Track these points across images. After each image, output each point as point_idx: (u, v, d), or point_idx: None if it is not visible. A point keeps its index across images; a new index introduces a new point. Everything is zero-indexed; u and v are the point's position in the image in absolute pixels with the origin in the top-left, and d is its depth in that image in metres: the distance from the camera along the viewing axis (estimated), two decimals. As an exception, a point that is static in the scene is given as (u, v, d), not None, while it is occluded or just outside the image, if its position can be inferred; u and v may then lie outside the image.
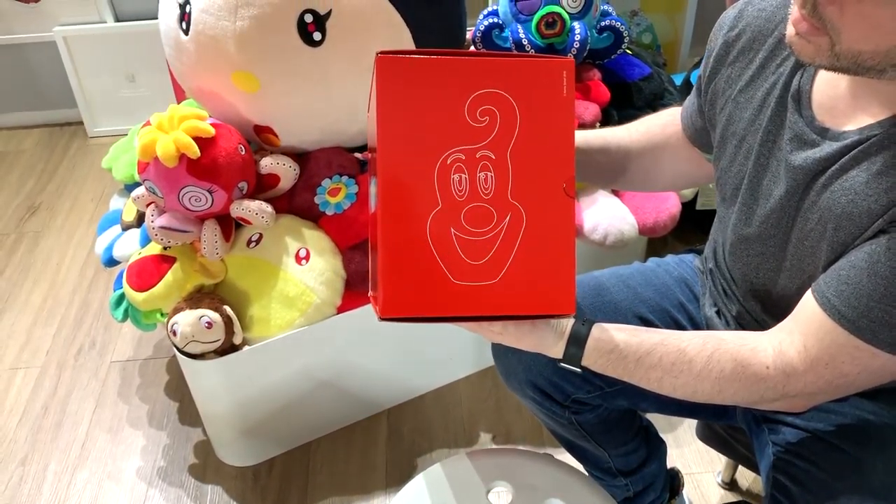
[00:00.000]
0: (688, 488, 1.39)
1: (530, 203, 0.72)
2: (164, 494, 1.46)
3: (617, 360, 0.79)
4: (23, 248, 2.13)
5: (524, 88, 0.71)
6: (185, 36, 1.34)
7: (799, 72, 0.77)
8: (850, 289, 0.69)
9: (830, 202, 0.72)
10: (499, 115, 0.71)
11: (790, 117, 0.77)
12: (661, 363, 0.78)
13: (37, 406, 1.65)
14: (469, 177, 0.72)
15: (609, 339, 0.79)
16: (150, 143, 1.24)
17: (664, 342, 0.79)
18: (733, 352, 0.76)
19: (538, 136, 0.72)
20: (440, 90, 0.71)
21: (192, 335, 1.27)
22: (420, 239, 0.71)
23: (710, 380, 0.77)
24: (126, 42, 2.47)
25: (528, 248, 0.73)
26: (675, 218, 1.50)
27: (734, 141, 0.85)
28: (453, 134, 0.71)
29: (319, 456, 1.51)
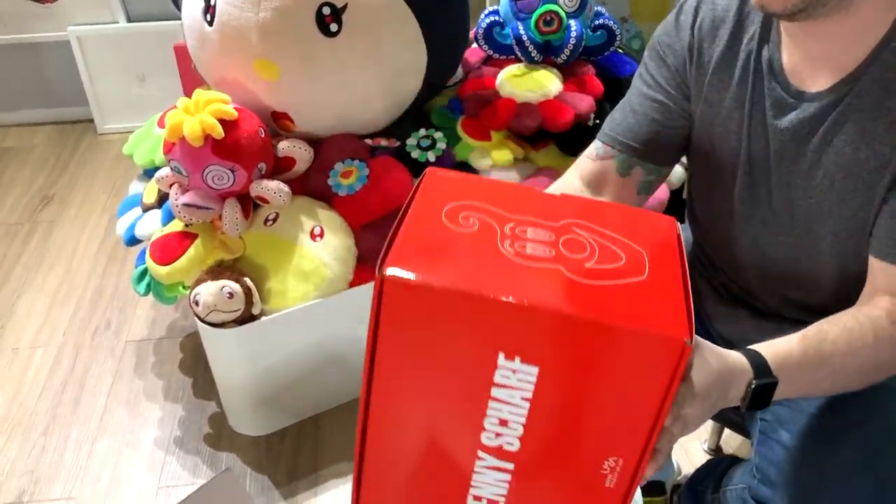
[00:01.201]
0: (675, 453, 1.48)
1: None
2: (181, 461, 1.54)
3: (798, 367, 0.74)
4: (37, 236, 2.21)
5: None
6: (209, 27, 1.44)
7: (765, 45, 0.86)
8: None
9: (836, 156, 0.81)
10: None
11: (767, 85, 0.86)
12: (838, 348, 0.75)
13: (56, 381, 1.73)
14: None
15: (779, 349, 0.74)
16: (177, 125, 1.33)
17: (819, 330, 0.77)
18: (880, 315, 0.77)
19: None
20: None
21: (214, 305, 1.35)
22: None
23: (884, 345, 0.75)
24: (137, 42, 2.56)
25: None
26: (663, 203, 1.60)
27: (718, 120, 0.92)
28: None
29: (330, 426, 1.60)
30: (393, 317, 0.62)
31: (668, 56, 0.96)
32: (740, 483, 0.93)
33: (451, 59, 1.62)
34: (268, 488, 1.47)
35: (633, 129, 0.97)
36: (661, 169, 1.00)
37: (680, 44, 0.95)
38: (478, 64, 1.74)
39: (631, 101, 0.99)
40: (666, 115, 0.96)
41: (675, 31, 0.95)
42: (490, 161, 1.57)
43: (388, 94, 1.50)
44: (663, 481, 1.39)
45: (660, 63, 0.97)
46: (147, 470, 1.52)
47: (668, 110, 0.96)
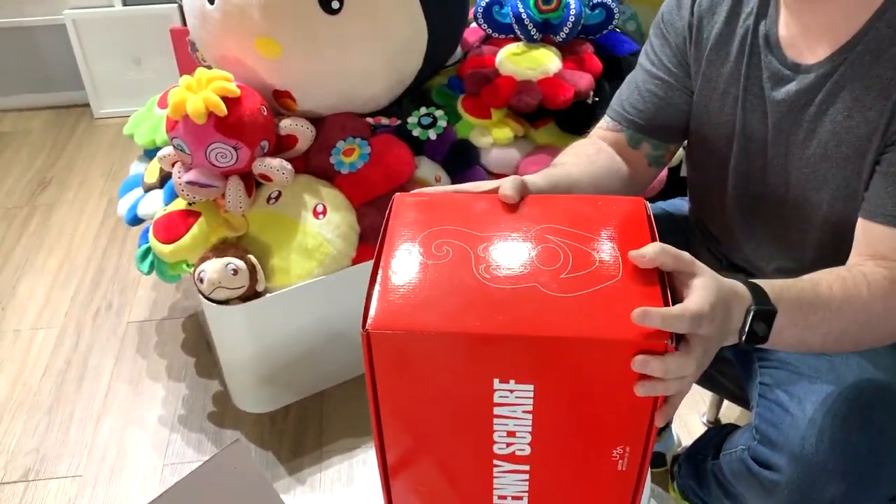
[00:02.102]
0: (675, 426, 1.50)
1: None
2: (185, 439, 1.55)
3: (802, 304, 0.73)
4: (36, 219, 2.21)
5: None
6: (210, 6, 1.44)
7: (762, 20, 0.88)
8: None
9: (831, 125, 0.83)
10: None
11: (764, 59, 0.88)
12: (834, 292, 0.74)
13: (59, 361, 1.74)
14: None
15: (783, 285, 0.73)
16: (180, 102, 1.34)
17: (818, 277, 0.76)
18: (877, 273, 0.77)
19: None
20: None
21: (219, 281, 1.36)
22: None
23: (881, 300, 0.75)
24: (133, 26, 2.56)
25: None
26: (661, 181, 1.62)
27: (717, 94, 0.94)
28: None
29: (332, 402, 1.61)
30: (385, 366, 0.66)
31: (670, 34, 0.99)
32: (740, 445, 0.95)
33: (451, 37, 1.62)
34: (272, 464, 1.49)
35: (637, 105, 1.00)
36: (668, 144, 1.02)
37: (681, 21, 0.97)
38: (477, 43, 1.75)
39: (636, 78, 1.02)
40: (668, 93, 0.99)
41: (677, 9, 0.98)
42: (490, 139, 1.58)
43: (390, 72, 1.51)
44: (664, 453, 1.41)
45: (663, 41, 1.00)
46: (152, 447, 1.53)
47: (670, 87, 0.99)
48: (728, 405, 1.53)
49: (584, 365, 0.63)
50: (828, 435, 0.81)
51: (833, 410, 0.83)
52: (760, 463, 0.89)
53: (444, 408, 0.69)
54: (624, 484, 0.72)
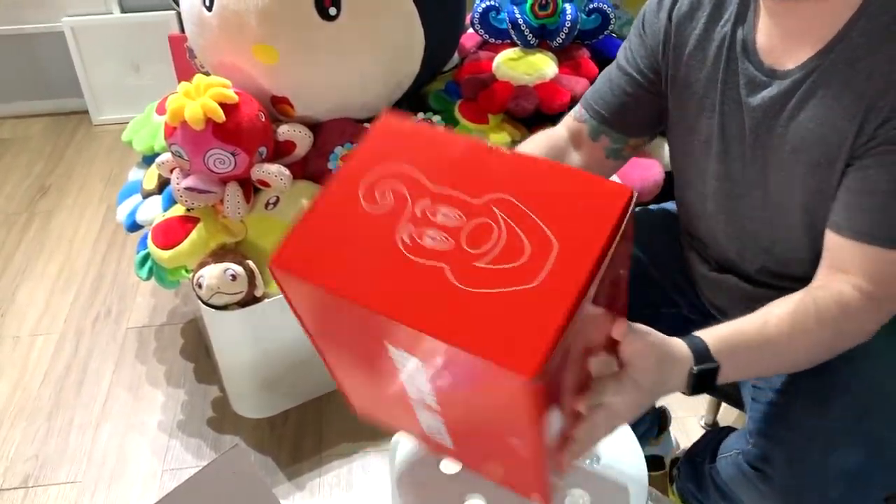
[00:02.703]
0: (673, 430, 1.50)
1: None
2: (184, 444, 1.55)
3: (746, 351, 0.76)
4: (35, 225, 2.22)
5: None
6: (208, 12, 1.45)
7: (739, 25, 0.88)
8: (874, 214, 0.78)
9: (802, 130, 0.83)
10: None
11: (741, 65, 0.88)
12: (781, 330, 0.77)
13: (58, 367, 1.74)
14: None
15: (723, 335, 0.76)
16: (178, 108, 1.34)
17: (764, 315, 0.79)
18: (827, 298, 0.79)
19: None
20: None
21: (218, 287, 1.37)
22: None
23: (827, 328, 0.78)
24: (131, 33, 2.57)
25: None
26: (658, 184, 1.62)
27: (694, 99, 0.94)
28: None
29: (331, 408, 1.62)
30: (291, 296, 0.69)
31: (647, 35, 1.00)
32: (734, 449, 0.95)
33: (448, 42, 1.63)
34: (271, 470, 1.49)
35: (605, 98, 1.03)
36: (628, 139, 1.05)
37: (658, 24, 0.98)
38: (473, 48, 1.76)
39: (611, 72, 1.04)
40: (636, 91, 1.01)
41: (657, 11, 0.98)
42: (488, 144, 1.59)
43: (387, 78, 1.51)
44: (662, 456, 1.42)
45: (640, 41, 1.01)
46: (151, 453, 1.54)
47: (639, 86, 1.01)
48: (726, 408, 1.54)
49: (454, 362, 0.61)
50: (820, 437, 0.82)
51: (824, 413, 0.83)
52: (755, 466, 0.89)
53: (353, 347, 0.70)
54: (530, 465, 0.69)
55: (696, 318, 1.12)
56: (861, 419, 0.82)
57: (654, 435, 1.37)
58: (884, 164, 0.77)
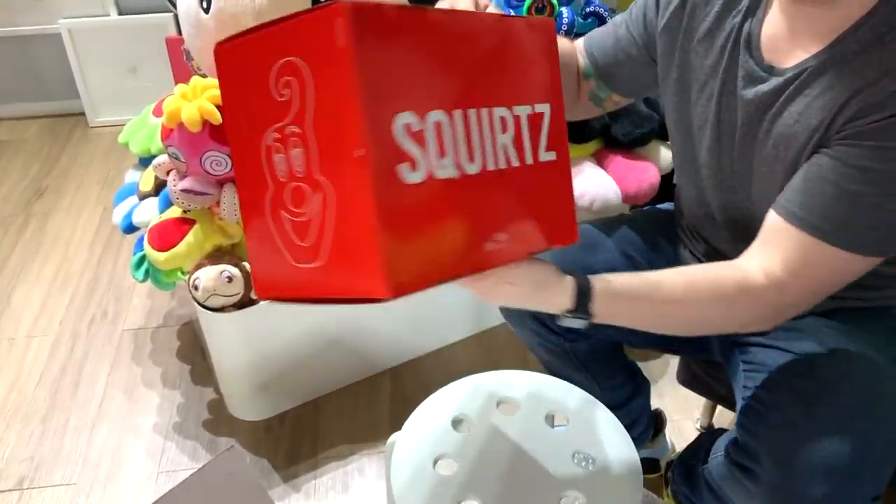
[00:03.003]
0: (669, 432, 1.50)
1: (335, 177, 0.64)
2: (180, 447, 1.55)
3: (629, 300, 0.83)
4: (32, 227, 2.21)
5: (310, 49, 0.62)
6: (205, 14, 1.45)
7: (749, 18, 0.89)
8: (809, 198, 0.80)
9: (782, 127, 0.85)
10: (295, 84, 0.64)
11: (742, 58, 0.89)
12: (672, 295, 0.83)
13: (54, 369, 1.74)
14: (286, 156, 0.67)
15: (615, 281, 0.83)
16: (175, 110, 1.34)
17: (666, 277, 0.84)
18: (731, 276, 0.84)
19: (330, 101, 0.63)
20: (252, 69, 0.67)
21: (214, 289, 1.37)
22: (264, 224, 0.70)
23: (719, 305, 0.83)
24: (129, 34, 2.57)
25: (339, 228, 0.65)
26: (654, 187, 1.63)
27: (696, 85, 0.96)
28: (267, 113, 0.67)
29: (328, 410, 1.62)
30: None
31: (650, 17, 1.01)
32: (724, 449, 0.96)
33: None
34: (267, 472, 1.49)
35: (605, 49, 1.06)
36: (612, 92, 1.08)
37: (672, 5, 0.97)
38: (471, 52, 1.76)
39: (618, 27, 1.06)
40: (638, 54, 1.04)
41: None
42: (484, 146, 1.59)
43: (384, 80, 1.51)
44: (657, 458, 1.42)
45: (654, 13, 1.01)
46: (146, 455, 1.53)
47: (640, 52, 1.04)
48: (722, 410, 1.54)
49: None
50: (807, 437, 0.82)
51: (813, 412, 0.83)
52: (743, 465, 0.90)
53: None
54: None
55: None
56: (850, 419, 0.82)
57: (650, 437, 1.38)
58: (837, 156, 0.78)
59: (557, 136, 0.79)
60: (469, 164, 0.70)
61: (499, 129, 0.73)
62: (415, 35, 0.66)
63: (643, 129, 1.66)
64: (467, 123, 0.70)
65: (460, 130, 0.69)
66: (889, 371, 0.87)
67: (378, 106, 0.62)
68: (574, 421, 1.02)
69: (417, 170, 0.65)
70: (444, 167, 0.68)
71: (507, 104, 0.74)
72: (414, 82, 0.66)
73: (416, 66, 0.66)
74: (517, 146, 0.75)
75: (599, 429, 1.01)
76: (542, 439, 0.99)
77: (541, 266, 0.80)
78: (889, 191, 0.76)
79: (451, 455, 0.98)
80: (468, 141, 0.70)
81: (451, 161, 0.68)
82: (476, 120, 0.71)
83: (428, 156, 0.66)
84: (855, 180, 0.77)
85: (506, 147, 0.74)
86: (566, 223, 0.81)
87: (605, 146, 1.71)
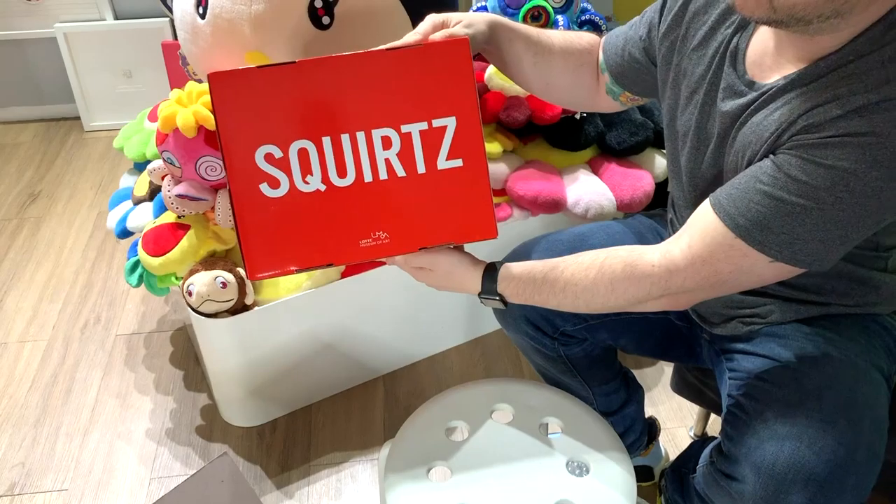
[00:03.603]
0: (663, 441, 1.51)
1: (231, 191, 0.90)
2: (173, 452, 1.55)
3: (528, 282, 0.95)
4: (25, 232, 2.21)
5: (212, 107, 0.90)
6: (201, 20, 1.45)
7: (739, 32, 0.90)
8: (737, 192, 0.82)
9: (743, 137, 0.86)
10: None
11: (726, 71, 0.90)
12: (563, 275, 0.93)
13: (46, 374, 1.73)
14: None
15: (517, 265, 0.95)
16: (170, 116, 1.34)
17: (565, 260, 0.94)
18: (623, 256, 0.90)
19: (218, 138, 0.90)
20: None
21: (208, 294, 1.37)
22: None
23: (604, 282, 0.90)
24: (124, 39, 2.56)
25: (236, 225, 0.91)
26: (649, 195, 1.63)
27: (686, 93, 0.97)
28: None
29: (321, 416, 1.61)
30: None
31: (654, 20, 1.02)
32: (710, 457, 0.96)
33: (440, 53, 1.64)
34: (260, 478, 1.49)
35: (616, 51, 1.08)
36: (624, 90, 1.10)
37: (673, 10, 0.99)
38: (466, 59, 1.76)
39: (628, 31, 1.07)
40: (644, 59, 1.05)
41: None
42: (479, 154, 1.59)
43: (379, 87, 1.52)
44: (651, 467, 1.42)
45: (653, 23, 1.03)
46: (139, 461, 1.53)
47: (647, 57, 1.05)
48: (715, 419, 1.54)
49: None
50: (788, 445, 0.82)
51: (794, 420, 0.84)
52: (727, 473, 0.90)
53: None
54: None
55: (683, 324, 1.13)
56: (831, 427, 0.82)
57: (644, 445, 1.38)
58: (776, 162, 0.80)
59: (467, 144, 0.91)
60: (339, 179, 0.89)
61: (379, 147, 0.89)
62: (277, 87, 0.87)
63: (638, 138, 1.66)
64: (338, 147, 0.88)
65: (329, 153, 0.88)
66: (871, 378, 0.88)
67: (236, 143, 0.87)
68: (568, 429, 1.02)
69: (279, 187, 0.88)
70: (309, 183, 0.88)
71: (392, 125, 0.89)
72: (276, 122, 0.87)
73: (278, 109, 0.87)
74: (404, 159, 0.89)
75: (593, 437, 1.01)
76: (536, 447, 0.99)
77: (456, 256, 0.97)
78: (809, 206, 0.78)
79: (444, 463, 0.98)
80: (339, 160, 0.88)
81: (317, 178, 0.88)
82: (350, 142, 0.88)
83: (291, 176, 0.88)
84: (782, 187, 0.79)
85: (389, 160, 0.89)
86: (481, 220, 0.93)
87: (600, 154, 1.71)
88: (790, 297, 0.96)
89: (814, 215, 0.78)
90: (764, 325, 0.97)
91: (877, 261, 0.92)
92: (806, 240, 0.79)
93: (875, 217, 0.78)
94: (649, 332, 1.14)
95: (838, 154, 0.75)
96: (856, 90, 0.76)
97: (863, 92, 0.75)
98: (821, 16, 0.75)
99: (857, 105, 0.75)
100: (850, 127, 0.75)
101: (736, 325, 1.00)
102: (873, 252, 0.91)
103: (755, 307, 0.98)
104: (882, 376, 0.90)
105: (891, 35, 0.76)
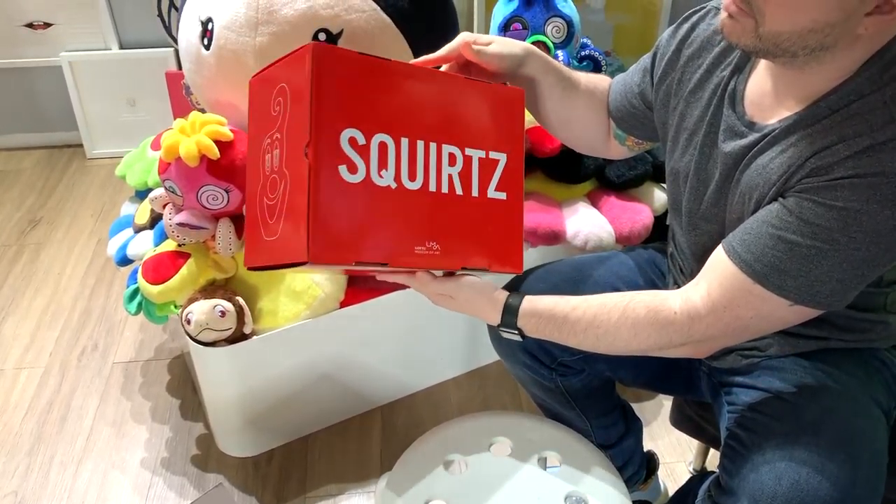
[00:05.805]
0: (662, 476, 1.49)
1: (292, 169, 0.85)
2: (167, 483, 1.53)
3: (548, 320, 0.95)
4: (24, 258, 2.21)
5: (291, 76, 0.87)
6: (206, 51, 1.47)
7: (736, 75, 0.92)
8: (750, 237, 0.83)
9: (748, 179, 0.87)
10: (282, 102, 0.88)
11: (726, 112, 0.91)
12: (585, 316, 0.93)
13: (41, 402, 1.72)
14: (271, 155, 0.89)
15: (540, 301, 0.96)
16: (173, 145, 1.35)
17: (587, 300, 0.94)
18: (646, 301, 0.90)
19: (297, 113, 0.85)
20: (263, 93, 0.92)
21: (206, 323, 1.36)
22: (254, 210, 0.92)
23: (627, 326, 0.90)
24: (129, 68, 2.59)
25: (289, 208, 0.86)
26: (647, 228, 1.64)
27: (685, 135, 0.98)
28: (266, 125, 0.90)
29: (317, 447, 1.60)
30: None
31: (648, 66, 1.05)
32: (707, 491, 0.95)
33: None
34: (255, 510, 1.47)
35: (617, 98, 1.11)
36: (628, 135, 1.13)
37: (668, 53, 1.01)
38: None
39: (626, 78, 1.10)
40: (642, 106, 1.08)
41: (671, 40, 1.02)
42: (479, 185, 1.60)
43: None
44: (651, 502, 1.41)
45: (647, 69, 1.06)
46: (133, 491, 1.51)
47: (644, 104, 1.07)
48: (715, 453, 1.53)
49: None
50: (786, 478, 0.82)
51: (791, 454, 0.83)
52: None
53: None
54: None
55: (682, 357, 1.13)
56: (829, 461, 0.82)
57: (642, 479, 1.37)
58: (787, 205, 0.81)
59: (511, 181, 0.97)
60: (409, 181, 0.89)
61: (446, 162, 0.92)
62: (371, 76, 0.86)
63: (637, 171, 1.68)
64: (413, 150, 0.89)
65: (405, 154, 0.88)
66: (870, 412, 0.88)
67: (327, 119, 0.83)
68: (567, 463, 1.01)
69: (356, 173, 0.85)
70: (382, 177, 0.87)
71: (459, 145, 0.93)
72: (366, 108, 0.86)
73: (369, 97, 0.86)
74: (463, 179, 0.93)
75: (592, 471, 1.00)
76: (534, 481, 0.99)
77: (479, 285, 0.98)
78: (824, 248, 0.78)
79: (442, 496, 0.97)
80: (411, 163, 0.89)
81: (391, 174, 0.87)
82: (423, 149, 0.90)
83: (369, 165, 0.86)
84: (795, 230, 0.79)
85: (451, 176, 0.92)
86: (512, 254, 0.98)
87: (599, 187, 1.72)
88: (789, 332, 0.96)
89: (830, 257, 0.78)
90: (763, 357, 0.97)
91: (877, 297, 0.92)
92: (824, 281, 0.80)
93: (891, 254, 0.79)
94: (647, 364, 1.14)
95: (849, 195, 0.76)
96: (861, 131, 0.77)
97: (869, 132, 0.76)
98: (805, 47, 0.77)
99: (864, 146, 0.76)
100: (859, 167, 0.76)
101: (735, 358, 1.00)
102: (875, 288, 0.91)
103: (754, 340, 0.98)
104: (881, 410, 0.90)
105: (889, 75, 0.78)
